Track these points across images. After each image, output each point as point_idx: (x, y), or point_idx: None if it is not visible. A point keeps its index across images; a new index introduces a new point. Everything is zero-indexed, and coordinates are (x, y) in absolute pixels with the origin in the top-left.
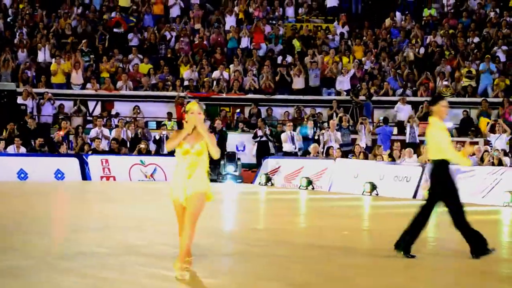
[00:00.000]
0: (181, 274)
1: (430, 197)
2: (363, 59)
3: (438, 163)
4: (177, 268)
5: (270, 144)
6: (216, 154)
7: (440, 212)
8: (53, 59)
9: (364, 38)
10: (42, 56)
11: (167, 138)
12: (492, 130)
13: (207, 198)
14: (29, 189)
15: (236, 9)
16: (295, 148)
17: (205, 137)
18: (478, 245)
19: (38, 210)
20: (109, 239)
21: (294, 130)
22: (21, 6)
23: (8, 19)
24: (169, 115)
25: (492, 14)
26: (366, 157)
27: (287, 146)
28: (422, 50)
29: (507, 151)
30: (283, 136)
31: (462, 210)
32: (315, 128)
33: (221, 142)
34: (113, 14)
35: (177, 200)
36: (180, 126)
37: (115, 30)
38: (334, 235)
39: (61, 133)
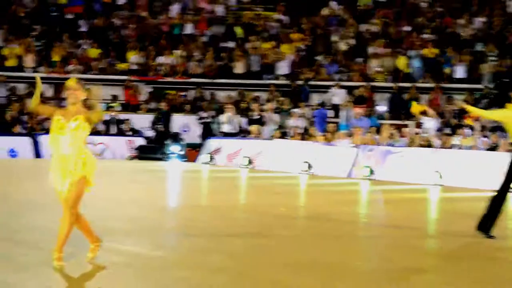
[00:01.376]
0: (59, 264)
1: (505, 181)
2: (300, 45)
3: None
4: (54, 258)
5: (214, 126)
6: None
7: (372, 190)
8: (5, 44)
9: (302, 25)
10: None
11: (115, 119)
12: (424, 113)
13: (87, 183)
14: None
15: None
16: (233, 129)
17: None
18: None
19: None
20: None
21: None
22: None
23: None
24: (114, 97)
25: (423, 4)
26: (302, 138)
27: (226, 127)
28: (354, 40)
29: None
30: (223, 117)
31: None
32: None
33: (166, 123)
34: None
35: (57, 189)
36: (126, 107)
37: (66, 16)
38: (272, 211)
39: None
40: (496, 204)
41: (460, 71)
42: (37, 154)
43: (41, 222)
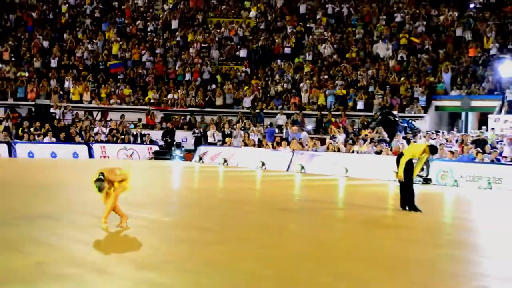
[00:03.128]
0: (105, 226)
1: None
2: (259, 87)
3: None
4: (102, 222)
5: (203, 138)
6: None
7: (302, 179)
8: (72, 85)
9: (259, 75)
10: (67, 83)
11: (140, 134)
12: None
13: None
14: (57, 163)
15: (183, 56)
16: (215, 140)
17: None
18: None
19: (61, 176)
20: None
21: (216, 129)
22: (55, 49)
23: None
24: (139, 120)
25: (334, 56)
26: (259, 146)
27: (210, 139)
28: (291, 84)
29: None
30: (208, 133)
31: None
32: (230, 129)
33: (172, 136)
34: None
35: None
36: (147, 126)
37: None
38: (239, 192)
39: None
40: (407, 190)
41: (359, 104)
42: (91, 156)
43: (92, 199)
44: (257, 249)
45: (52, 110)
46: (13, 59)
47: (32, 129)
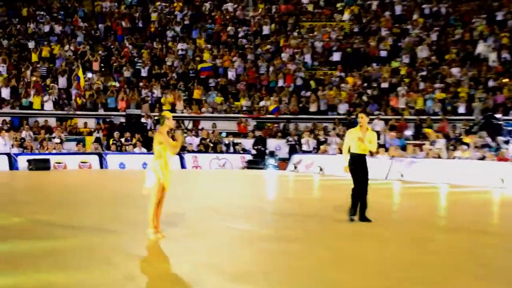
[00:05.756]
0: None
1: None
2: (353, 92)
3: None
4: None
5: (297, 146)
6: (173, 151)
7: (401, 187)
8: (162, 94)
9: (353, 78)
10: (156, 92)
11: (232, 143)
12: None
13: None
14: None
15: (275, 62)
16: (309, 148)
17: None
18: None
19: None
20: (198, 203)
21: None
22: (145, 55)
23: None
24: (227, 133)
25: (433, 58)
26: None
27: (305, 147)
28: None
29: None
30: (303, 140)
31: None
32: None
33: (264, 144)
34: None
35: (165, 184)
36: (239, 135)
37: (201, 77)
38: (335, 201)
39: None
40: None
41: (461, 108)
42: (182, 166)
43: (181, 211)
44: (347, 258)
45: (143, 120)
46: (102, 69)
47: (123, 140)
